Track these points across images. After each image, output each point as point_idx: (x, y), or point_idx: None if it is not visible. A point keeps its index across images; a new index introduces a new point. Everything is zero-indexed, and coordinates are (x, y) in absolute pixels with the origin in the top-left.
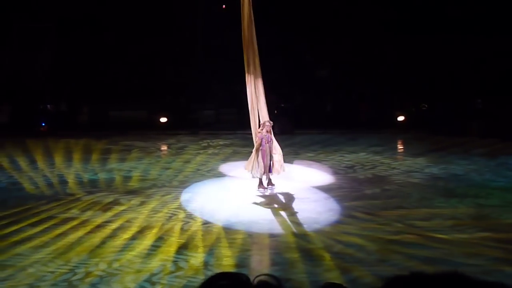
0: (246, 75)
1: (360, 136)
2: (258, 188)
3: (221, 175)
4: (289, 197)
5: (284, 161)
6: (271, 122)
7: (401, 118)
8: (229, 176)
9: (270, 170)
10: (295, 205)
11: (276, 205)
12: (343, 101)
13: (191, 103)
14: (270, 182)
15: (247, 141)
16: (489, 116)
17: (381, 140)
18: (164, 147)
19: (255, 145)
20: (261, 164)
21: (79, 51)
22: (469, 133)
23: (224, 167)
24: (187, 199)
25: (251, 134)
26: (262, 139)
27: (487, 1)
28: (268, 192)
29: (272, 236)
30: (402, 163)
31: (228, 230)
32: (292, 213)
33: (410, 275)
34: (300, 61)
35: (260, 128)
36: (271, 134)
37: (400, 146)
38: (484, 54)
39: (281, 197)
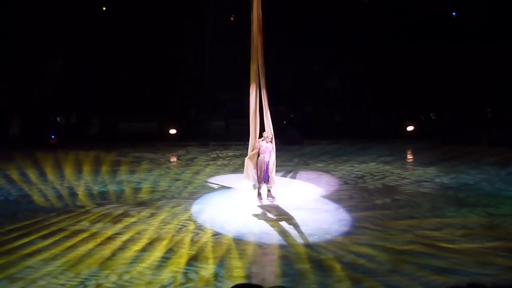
0: (251, 84)
1: (370, 146)
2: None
3: (231, 186)
4: (300, 208)
5: (294, 171)
6: (272, 134)
7: (410, 128)
8: (239, 187)
9: (267, 181)
10: (306, 216)
11: (286, 216)
12: (353, 111)
13: (200, 114)
14: (270, 194)
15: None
16: (499, 125)
17: (391, 150)
18: (173, 159)
19: (249, 153)
20: (255, 174)
21: (88, 62)
22: (479, 142)
23: (234, 179)
24: (197, 210)
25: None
26: (259, 148)
27: (496, 10)
28: (261, 203)
29: (282, 246)
30: (412, 173)
31: (238, 241)
32: (302, 224)
33: (468, 286)
34: (309, 71)
35: (262, 138)
36: (272, 144)
37: (410, 156)
38: (494, 63)
39: (292, 208)
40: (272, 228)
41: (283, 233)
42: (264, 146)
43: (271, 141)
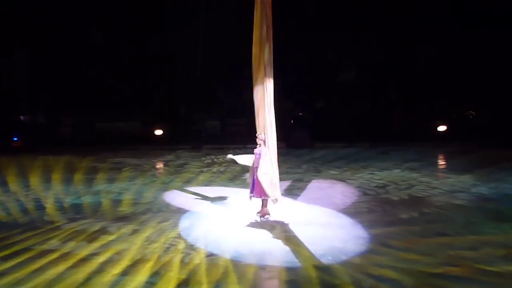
0: (256, 74)
1: (393, 150)
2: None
3: (228, 197)
4: (309, 223)
5: (303, 180)
6: (263, 135)
7: (442, 128)
8: (238, 198)
9: (251, 192)
10: (317, 232)
11: (293, 233)
12: (373, 108)
13: (193, 112)
14: (261, 211)
15: None
16: None
17: (418, 154)
18: (160, 165)
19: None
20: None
21: (59, 52)
22: None
23: (232, 188)
24: (188, 226)
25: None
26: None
27: None
28: (266, 218)
29: (289, 269)
30: (444, 182)
31: (237, 263)
32: (313, 242)
33: None
34: (321, 61)
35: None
36: (263, 148)
37: (441, 162)
38: None
39: (300, 223)
40: (277, 247)
41: (289, 253)
42: (256, 149)
43: (262, 144)
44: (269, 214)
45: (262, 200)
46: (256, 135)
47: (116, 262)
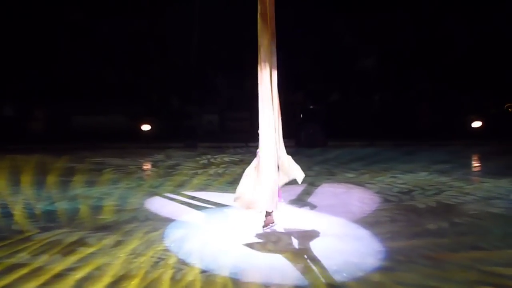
0: (262, 61)
1: (419, 150)
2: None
3: (227, 204)
4: (321, 234)
5: (315, 184)
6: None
7: (477, 124)
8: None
9: None
10: (330, 245)
11: (302, 246)
12: (396, 101)
13: (186, 104)
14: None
15: None
16: None
17: (449, 154)
18: (148, 166)
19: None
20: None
21: (30, 34)
22: None
23: (231, 194)
24: (180, 237)
25: None
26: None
27: None
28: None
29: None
30: (478, 187)
31: (237, 281)
32: (325, 256)
33: None
34: (337, 45)
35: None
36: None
37: (475, 163)
38: None
39: (310, 235)
40: (283, 262)
41: (299, 269)
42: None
43: None
44: (273, 223)
45: None
46: (258, 131)
47: (96, 278)
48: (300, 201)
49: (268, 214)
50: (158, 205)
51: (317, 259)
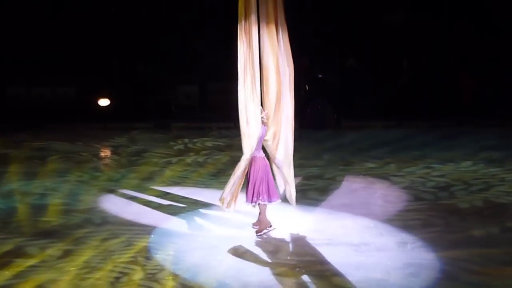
0: (242, 17)
1: (461, 132)
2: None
3: (209, 203)
4: (334, 242)
5: (325, 176)
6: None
7: None
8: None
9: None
10: (344, 257)
11: (309, 256)
12: (430, 68)
13: (156, 73)
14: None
15: None
16: None
17: (500, 138)
18: (106, 153)
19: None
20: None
21: None
22: None
23: (216, 190)
24: (148, 246)
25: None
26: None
27: None
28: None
29: None
30: None
31: None
32: (339, 271)
33: None
34: None
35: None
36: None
37: None
38: None
39: (320, 243)
40: (283, 275)
41: (303, 286)
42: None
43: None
44: (270, 226)
45: (259, 205)
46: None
47: None
48: (305, 198)
49: (262, 213)
50: (119, 204)
51: (326, 276)
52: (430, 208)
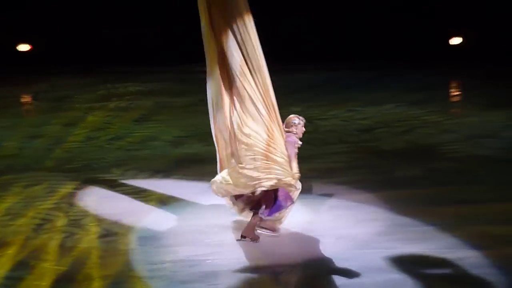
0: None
1: (387, 73)
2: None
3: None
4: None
5: None
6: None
7: (456, 41)
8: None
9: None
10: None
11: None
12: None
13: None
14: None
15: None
16: None
17: (427, 79)
18: (27, 99)
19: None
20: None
21: None
22: None
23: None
24: (72, 191)
25: (201, 70)
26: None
27: None
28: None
29: None
30: (462, 122)
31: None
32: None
33: None
34: None
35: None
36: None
37: (456, 91)
38: None
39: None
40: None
41: None
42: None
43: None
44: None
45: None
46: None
47: None
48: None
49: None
50: (42, 150)
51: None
52: (353, 151)
